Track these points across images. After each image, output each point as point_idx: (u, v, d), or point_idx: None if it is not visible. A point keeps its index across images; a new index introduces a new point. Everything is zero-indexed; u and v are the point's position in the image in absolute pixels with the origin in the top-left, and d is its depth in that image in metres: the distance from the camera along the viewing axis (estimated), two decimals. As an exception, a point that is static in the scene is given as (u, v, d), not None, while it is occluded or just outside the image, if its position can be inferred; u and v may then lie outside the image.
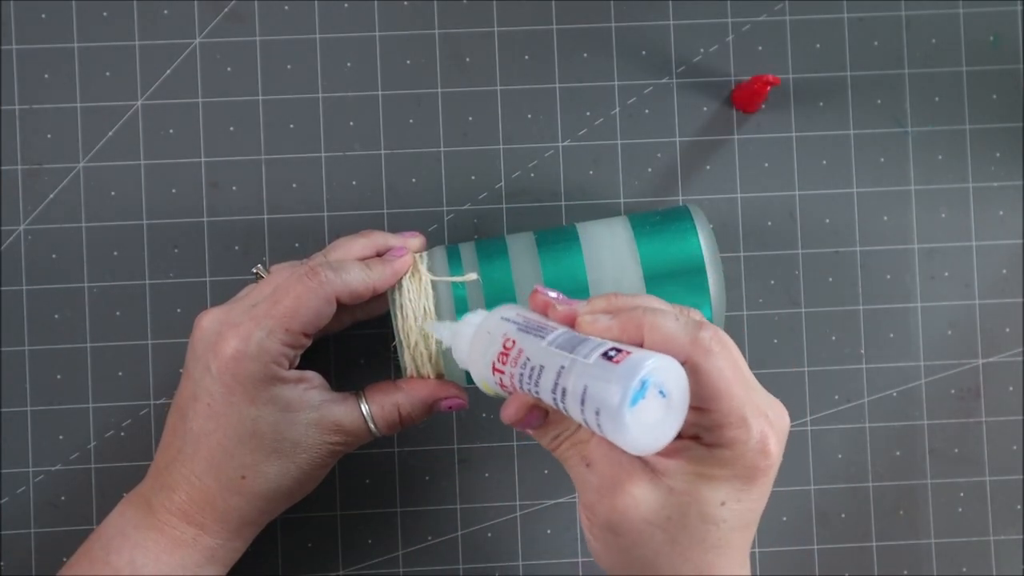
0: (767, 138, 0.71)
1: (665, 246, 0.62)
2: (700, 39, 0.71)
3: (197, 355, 0.59)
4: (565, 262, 0.62)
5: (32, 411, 0.69)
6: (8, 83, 0.70)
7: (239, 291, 0.62)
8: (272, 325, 0.58)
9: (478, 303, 0.61)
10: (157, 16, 0.70)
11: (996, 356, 0.71)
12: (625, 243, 0.62)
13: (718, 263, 0.61)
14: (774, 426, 0.52)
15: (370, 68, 0.71)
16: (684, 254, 0.61)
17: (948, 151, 0.72)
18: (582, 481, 0.52)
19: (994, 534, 0.71)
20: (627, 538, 0.51)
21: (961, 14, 0.72)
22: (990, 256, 0.72)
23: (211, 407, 0.58)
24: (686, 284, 0.61)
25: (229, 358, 0.58)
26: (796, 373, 0.71)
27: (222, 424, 0.58)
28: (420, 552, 0.70)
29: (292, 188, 0.71)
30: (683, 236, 0.62)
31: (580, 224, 0.64)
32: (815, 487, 0.71)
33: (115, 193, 0.70)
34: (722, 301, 0.61)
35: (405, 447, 0.70)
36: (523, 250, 0.62)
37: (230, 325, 0.58)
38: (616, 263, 0.61)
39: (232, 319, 0.59)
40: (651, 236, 0.62)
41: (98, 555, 0.59)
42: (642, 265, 0.61)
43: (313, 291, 0.59)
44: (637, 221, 0.63)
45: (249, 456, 0.58)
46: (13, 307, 0.69)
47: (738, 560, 0.52)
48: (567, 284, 0.61)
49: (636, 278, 0.61)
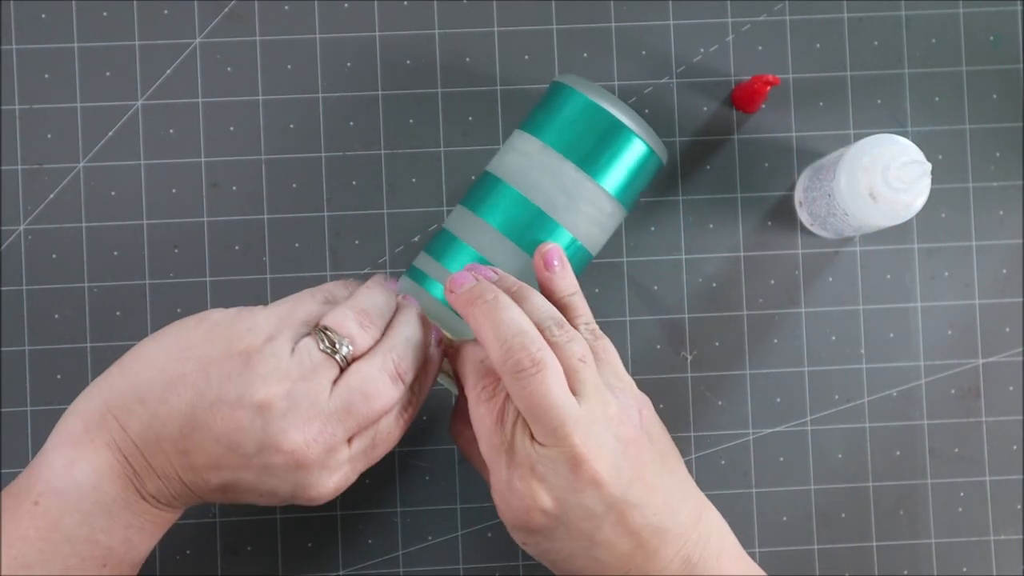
0: (767, 138, 0.71)
1: (569, 127, 0.62)
2: (700, 39, 0.71)
3: (266, 463, 0.56)
4: (508, 208, 0.62)
5: (32, 411, 0.69)
6: (8, 83, 0.70)
7: (294, 292, 0.60)
8: (360, 468, 0.58)
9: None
10: (157, 16, 0.70)
11: (996, 356, 0.71)
12: (539, 151, 0.63)
13: (625, 107, 0.62)
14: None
15: (370, 68, 0.71)
16: (588, 119, 0.62)
17: (948, 151, 0.72)
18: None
19: (994, 534, 0.71)
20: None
21: (961, 14, 0.72)
22: (990, 256, 0.72)
23: (253, 466, 0.56)
24: (615, 144, 0.62)
25: (308, 480, 0.56)
26: (796, 373, 0.71)
27: (262, 480, 0.57)
28: (420, 552, 0.70)
29: (292, 188, 0.71)
30: (576, 106, 0.62)
31: (491, 167, 0.64)
32: (815, 487, 0.71)
33: (115, 193, 0.70)
34: (656, 141, 0.63)
35: (405, 447, 0.70)
36: (468, 225, 0.63)
37: (332, 455, 0.56)
38: (548, 175, 0.62)
39: (332, 460, 0.56)
40: (552, 127, 0.63)
41: (77, 532, 0.56)
42: (569, 159, 0.62)
43: (403, 431, 0.59)
44: (532, 126, 0.64)
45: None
46: (13, 307, 0.69)
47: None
48: (525, 220, 0.62)
49: (575, 174, 0.62)
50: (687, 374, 0.71)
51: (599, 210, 0.63)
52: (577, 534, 0.55)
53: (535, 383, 0.54)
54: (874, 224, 0.63)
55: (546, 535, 0.56)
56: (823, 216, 0.67)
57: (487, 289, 0.58)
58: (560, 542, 0.56)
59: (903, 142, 0.63)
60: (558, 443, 0.54)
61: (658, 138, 0.64)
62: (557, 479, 0.55)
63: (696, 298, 0.71)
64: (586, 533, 0.55)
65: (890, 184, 0.62)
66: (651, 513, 0.56)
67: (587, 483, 0.55)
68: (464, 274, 0.59)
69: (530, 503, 0.55)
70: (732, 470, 0.71)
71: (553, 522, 0.55)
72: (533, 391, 0.54)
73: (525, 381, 0.54)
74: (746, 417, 0.71)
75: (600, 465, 0.55)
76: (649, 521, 0.56)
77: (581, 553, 0.56)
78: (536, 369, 0.54)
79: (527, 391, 0.54)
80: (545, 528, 0.55)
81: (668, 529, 0.56)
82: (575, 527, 0.55)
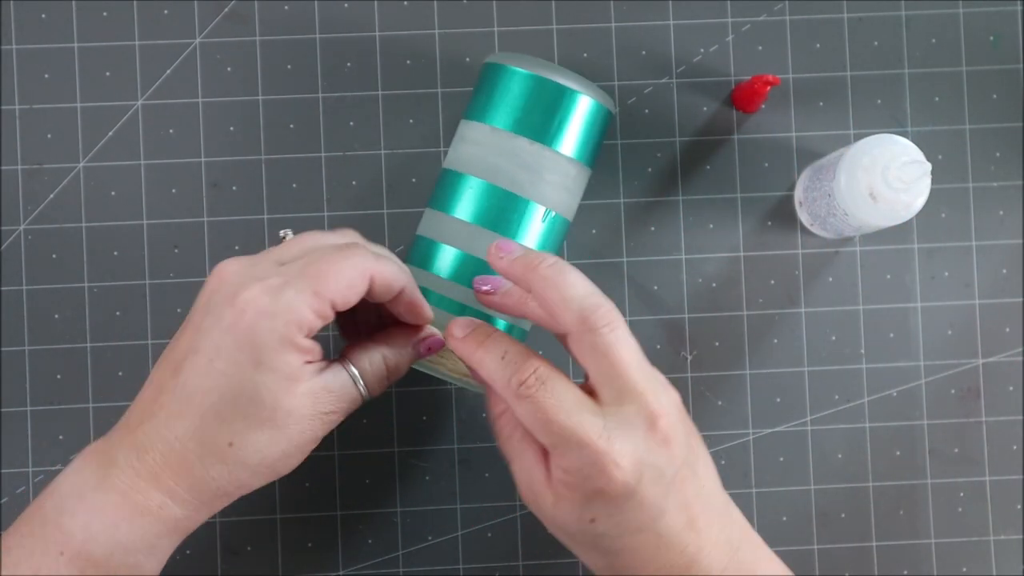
0: (767, 138, 0.71)
1: (512, 104, 0.63)
2: (700, 39, 0.71)
3: (210, 305, 0.54)
4: (476, 199, 0.63)
5: (32, 411, 0.69)
6: (8, 83, 0.70)
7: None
8: (303, 285, 0.54)
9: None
10: (157, 16, 0.70)
11: (996, 356, 0.71)
12: (489, 134, 0.63)
13: (561, 69, 0.63)
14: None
15: (370, 68, 0.71)
16: (529, 91, 0.63)
17: (948, 151, 0.72)
18: None
19: (994, 534, 0.71)
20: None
21: (961, 14, 0.72)
22: (990, 256, 0.72)
23: (212, 363, 0.53)
24: (562, 108, 0.62)
25: (249, 311, 0.53)
26: (796, 373, 0.71)
27: (220, 384, 0.53)
28: (420, 552, 0.70)
29: (292, 188, 0.71)
30: (513, 82, 0.63)
31: (447, 163, 0.65)
32: (815, 487, 0.71)
33: (115, 193, 0.70)
34: (600, 93, 0.63)
35: (405, 447, 0.70)
36: (442, 226, 0.63)
37: (255, 278, 0.54)
38: (505, 155, 0.62)
39: (258, 273, 0.54)
40: (495, 108, 0.63)
41: (50, 515, 0.54)
42: (521, 135, 0.62)
43: (349, 261, 0.55)
44: (476, 112, 0.64)
45: (242, 422, 0.54)
46: (13, 307, 0.70)
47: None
48: (495, 205, 0.62)
49: (530, 147, 0.62)
50: (687, 374, 0.71)
51: (564, 175, 0.63)
52: (647, 502, 0.54)
53: (612, 340, 0.54)
54: (874, 224, 0.63)
55: (618, 506, 0.54)
56: (823, 216, 0.67)
57: (542, 255, 0.57)
58: (631, 512, 0.54)
59: (903, 142, 0.63)
60: (635, 400, 0.54)
61: (601, 90, 0.64)
62: (633, 438, 0.54)
63: (696, 298, 0.71)
64: (655, 501, 0.54)
65: (890, 184, 0.62)
66: (700, 485, 0.56)
67: (661, 441, 0.54)
68: (508, 241, 0.59)
69: (610, 466, 0.53)
70: (732, 470, 0.71)
71: (628, 489, 0.54)
72: (610, 348, 0.54)
73: (602, 339, 0.54)
74: (746, 417, 0.71)
75: (669, 422, 0.54)
76: (699, 493, 0.56)
77: (648, 526, 0.55)
78: (611, 328, 0.54)
79: (607, 348, 0.54)
80: (620, 496, 0.54)
81: (712, 504, 0.56)
82: (647, 493, 0.54)
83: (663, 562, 0.55)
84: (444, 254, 0.63)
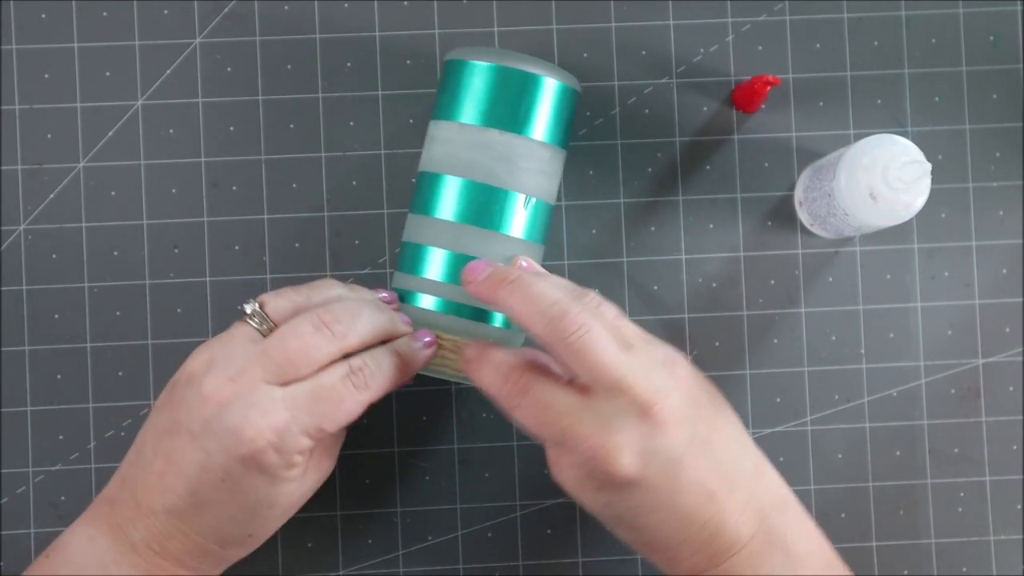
0: (767, 138, 0.71)
1: (477, 98, 0.63)
2: (700, 39, 0.71)
3: (212, 427, 0.56)
4: (456, 197, 0.63)
5: (32, 411, 0.69)
6: (8, 83, 0.70)
7: (230, 327, 0.59)
8: (308, 424, 0.56)
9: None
10: (157, 16, 0.70)
11: (996, 356, 0.71)
12: (459, 131, 0.63)
13: (520, 55, 0.63)
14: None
15: (370, 68, 0.71)
16: (492, 83, 0.63)
17: (948, 151, 0.72)
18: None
19: (994, 534, 0.71)
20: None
21: (961, 14, 0.72)
22: (990, 256, 0.72)
23: (226, 483, 0.56)
24: (527, 95, 0.62)
25: (259, 441, 0.55)
26: (796, 373, 0.71)
27: (237, 499, 0.57)
28: (420, 552, 0.70)
29: (292, 188, 0.71)
30: (475, 76, 0.63)
31: (422, 166, 0.65)
32: (815, 487, 0.71)
33: (115, 193, 0.70)
34: (564, 74, 0.63)
35: (405, 447, 0.70)
36: (426, 229, 0.63)
37: (257, 408, 0.55)
38: (478, 150, 0.62)
39: (258, 400, 0.55)
40: (461, 104, 0.63)
41: None
42: (491, 127, 0.62)
43: (356, 400, 0.57)
44: (443, 111, 0.64)
45: (259, 521, 0.58)
46: (13, 307, 0.69)
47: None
48: (477, 201, 0.62)
49: (502, 138, 0.62)
50: (687, 374, 0.71)
51: (539, 160, 0.63)
52: (657, 486, 0.55)
53: (586, 342, 0.54)
54: (874, 224, 0.63)
55: (628, 492, 0.55)
56: (823, 216, 0.67)
57: (506, 271, 0.58)
58: (641, 497, 0.55)
59: (903, 142, 0.63)
60: (622, 393, 0.54)
61: (563, 70, 0.64)
62: (629, 429, 0.54)
63: (696, 298, 0.71)
64: (665, 483, 0.55)
65: (890, 184, 0.62)
66: (715, 459, 0.56)
67: (658, 427, 0.54)
68: (477, 263, 0.59)
69: (610, 459, 0.54)
70: (732, 470, 0.71)
71: (632, 478, 0.54)
72: (585, 351, 0.54)
73: (576, 344, 0.55)
74: (746, 417, 0.71)
75: (667, 406, 0.55)
76: (716, 467, 0.56)
77: (664, 506, 0.55)
78: (583, 330, 0.55)
79: (580, 353, 0.55)
80: (626, 485, 0.55)
81: (732, 475, 0.56)
82: (654, 478, 0.55)
83: (686, 535, 0.56)
84: (433, 256, 0.63)
